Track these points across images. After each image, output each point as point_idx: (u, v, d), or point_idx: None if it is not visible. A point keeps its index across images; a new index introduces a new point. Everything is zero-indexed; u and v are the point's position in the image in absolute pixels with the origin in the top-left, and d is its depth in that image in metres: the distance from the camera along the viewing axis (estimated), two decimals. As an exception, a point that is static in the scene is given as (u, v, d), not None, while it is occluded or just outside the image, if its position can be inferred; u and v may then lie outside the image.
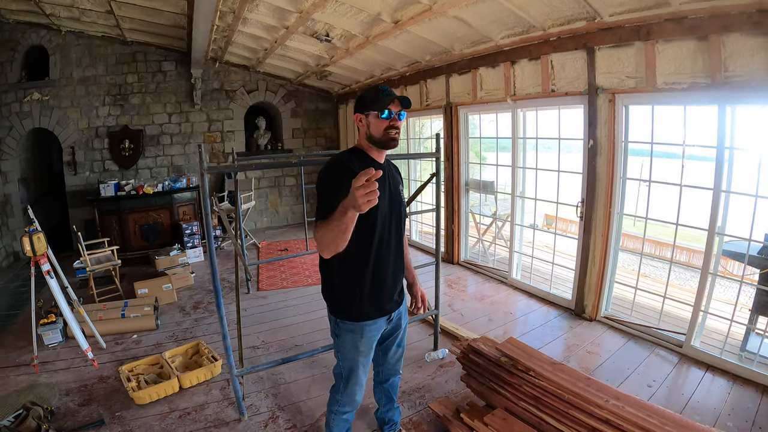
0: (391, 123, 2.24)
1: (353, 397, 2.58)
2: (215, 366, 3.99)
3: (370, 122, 2.26)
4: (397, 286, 2.50)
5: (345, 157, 2.29)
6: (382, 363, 2.80)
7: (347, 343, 2.45)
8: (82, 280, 6.34)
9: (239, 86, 9.81)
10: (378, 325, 2.44)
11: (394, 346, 2.72)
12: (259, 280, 6.65)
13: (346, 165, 2.19)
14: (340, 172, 2.15)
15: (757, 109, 3.65)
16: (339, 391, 2.61)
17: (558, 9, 4.29)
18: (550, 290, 5.58)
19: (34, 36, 8.01)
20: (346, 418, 2.68)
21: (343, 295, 2.39)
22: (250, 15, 5.90)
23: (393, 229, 2.37)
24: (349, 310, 2.40)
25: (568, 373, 2.96)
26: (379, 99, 2.23)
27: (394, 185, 2.43)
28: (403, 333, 2.74)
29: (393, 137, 2.27)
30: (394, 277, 2.45)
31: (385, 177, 2.34)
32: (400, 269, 2.51)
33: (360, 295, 2.34)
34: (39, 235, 4.01)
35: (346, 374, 2.53)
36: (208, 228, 3.12)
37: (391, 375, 2.87)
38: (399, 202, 2.46)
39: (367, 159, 2.31)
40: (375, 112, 2.23)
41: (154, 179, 8.94)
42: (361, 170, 1.82)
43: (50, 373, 4.14)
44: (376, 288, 2.36)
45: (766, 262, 3.88)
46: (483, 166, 7.23)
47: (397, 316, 2.57)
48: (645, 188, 4.59)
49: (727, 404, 3.42)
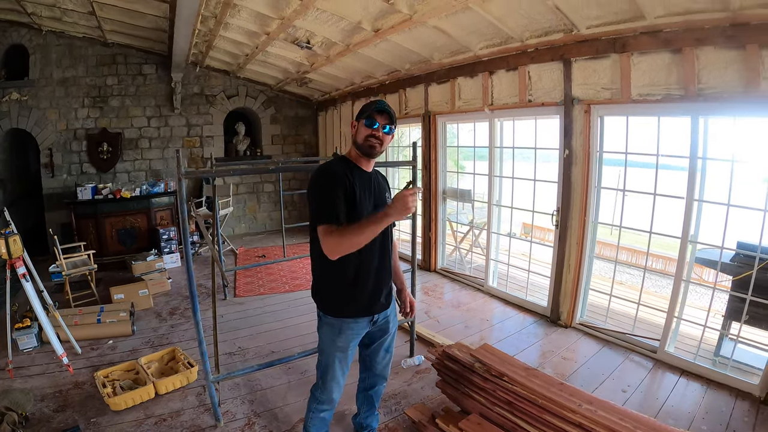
0: (372, 132, 2.34)
1: (330, 395, 2.62)
2: (191, 372, 3.96)
3: (358, 128, 2.39)
4: (381, 290, 2.55)
5: (333, 164, 2.43)
6: (369, 368, 2.85)
7: (326, 337, 2.54)
8: (58, 285, 6.24)
9: (219, 91, 9.77)
10: (359, 324, 2.50)
11: (382, 351, 2.78)
12: (236, 286, 6.61)
13: (334, 170, 2.34)
14: (331, 178, 2.31)
15: (729, 121, 3.74)
16: (318, 388, 2.66)
17: (536, 21, 4.36)
18: (526, 297, 5.64)
19: (15, 35, 7.89)
20: (323, 416, 2.71)
21: (326, 291, 2.51)
22: (232, 20, 5.90)
23: (378, 235, 2.41)
24: (330, 305, 2.51)
25: (542, 378, 3.00)
26: (368, 108, 2.37)
27: (381, 192, 2.53)
28: (392, 338, 2.80)
29: (372, 145, 2.36)
30: (377, 280, 2.50)
31: (372, 184, 2.47)
32: (384, 273, 2.55)
33: (341, 293, 2.44)
34: (15, 238, 3.95)
35: (323, 368, 2.60)
36: (185, 233, 3.10)
37: (377, 382, 2.92)
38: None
39: (353, 167, 2.42)
40: (363, 119, 2.36)
41: (132, 183, 8.82)
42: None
43: (25, 378, 4.06)
44: (357, 288, 2.43)
45: (738, 269, 3.97)
46: (460, 175, 7.28)
47: (383, 318, 2.63)
48: (620, 197, 4.67)
49: (702, 408, 3.50)
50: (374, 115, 2.34)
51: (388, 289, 2.63)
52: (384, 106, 2.37)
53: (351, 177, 2.34)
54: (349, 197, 2.29)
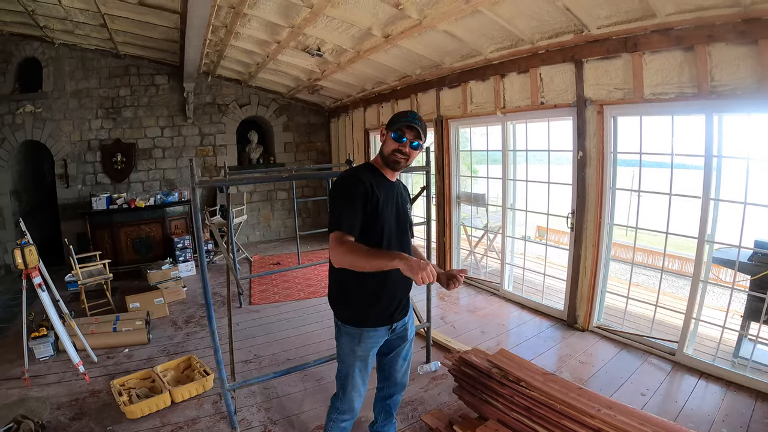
0: (399, 146, 2.33)
1: (351, 404, 2.59)
2: (207, 380, 3.96)
3: (386, 139, 2.38)
4: (401, 299, 2.53)
5: (360, 170, 2.39)
6: (389, 377, 2.80)
7: (346, 347, 2.50)
8: (74, 294, 6.31)
9: (231, 100, 9.84)
10: (378, 333, 2.47)
11: (401, 359, 2.74)
12: (251, 294, 6.62)
13: (359, 178, 2.29)
14: (355, 185, 2.26)
15: (744, 118, 3.70)
16: (338, 398, 2.63)
17: (546, 22, 4.34)
18: (542, 301, 5.59)
19: (28, 48, 8.04)
20: (344, 426, 2.68)
21: (346, 300, 2.46)
22: (243, 30, 5.94)
23: (399, 244, 2.42)
24: (350, 315, 2.46)
25: (560, 383, 2.97)
26: (398, 120, 2.34)
27: (403, 203, 2.51)
28: (410, 345, 2.77)
29: (397, 160, 2.35)
30: (397, 289, 2.47)
31: (395, 194, 2.45)
32: (405, 283, 2.51)
33: (362, 303, 2.41)
34: (31, 248, 3.99)
35: (343, 378, 2.56)
36: (199, 242, 3.12)
37: (396, 391, 2.87)
38: (406, 220, 2.54)
39: (378, 175, 2.41)
40: (391, 132, 2.34)
41: (146, 193, 8.89)
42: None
43: (41, 386, 4.09)
44: (378, 298, 2.40)
45: (756, 269, 3.91)
46: (474, 179, 7.26)
47: (401, 326, 2.60)
48: (635, 198, 4.62)
49: (721, 410, 3.44)
50: (403, 129, 2.31)
51: (407, 297, 2.60)
52: (413, 120, 2.32)
53: (375, 185, 2.31)
54: (372, 205, 2.26)
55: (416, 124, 2.31)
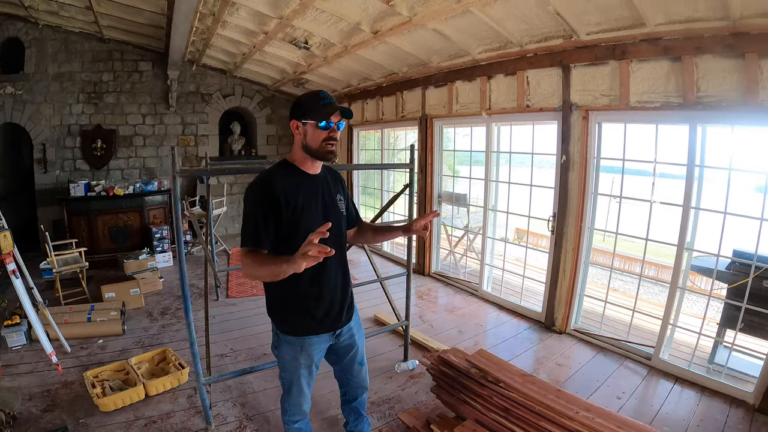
0: (329, 134, 2.12)
1: (300, 407, 2.50)
2: (182, 374, 3.91)
3: (307, 131, 2.14)
4: (342, 303, 2.39)
5: (271, 176, 2.19)
6: (347, 382, 2.68)
7: (287, 355, 2.35)
8: (49, 282, 6.17)
9: (215, 90, 9.71)
10: (321, 339, 2.35)
11: (356, 365, 2.61)
12: (229, 287, 6.55)
13: (268, 188, 2.11)
14: (259, 199, 2.10)
15: (727, 129, 3.75)
16: (286, 401, 2.53)
17: (536, 26, 4.36)
18: (520, 303, 5.62)
19: (11, 28, 7.79)
20: (298, 427, 2.58)
21: (282, 308, 2.31)
22: (230, 18, 5.86)
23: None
24: (288, 325, 2.32)
25: (539, 384, 2.98)
26: (318, 107, 2.11)
27: (329, 195, 2.33)
28: (361, 350, 2.61)
29: (330, 150, 2.16)
30: (335, 292, 2.33)
31: (319, 188, 2.27)
32: (343, 283, 2.39)
33: (298, 310, 2.27)
34: (5, 233, 3.88)
35: (287, 386, 2.44)
36: (178, 232, 3.06)
37: (359, 393, 2.76)
38: (336, 213, 2.34)
39: (296, 173, 2.23)
40: (313, 121, 2.11)
41: (126, 181, 8.74)
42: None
43: (13, 376, 4.00)
44: (315, 304, 2.27)
45: (733, 278, 3.98)
46: (456, 179, 7.28)
47: (347, 332, 2.47)
48: (616, 204, 4.67)
49: (696, 415, 3.49)
50: (329, 116, 2.09)
51: (350, 300, 2.47)
52: (332, 100, 2.13)
53: (292, 186, 2.15)
54: (288, 212, 2.09)
55: (334, 101, 2.13)
